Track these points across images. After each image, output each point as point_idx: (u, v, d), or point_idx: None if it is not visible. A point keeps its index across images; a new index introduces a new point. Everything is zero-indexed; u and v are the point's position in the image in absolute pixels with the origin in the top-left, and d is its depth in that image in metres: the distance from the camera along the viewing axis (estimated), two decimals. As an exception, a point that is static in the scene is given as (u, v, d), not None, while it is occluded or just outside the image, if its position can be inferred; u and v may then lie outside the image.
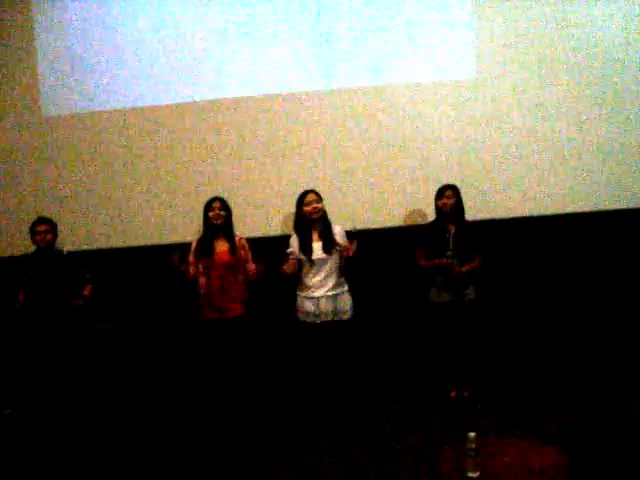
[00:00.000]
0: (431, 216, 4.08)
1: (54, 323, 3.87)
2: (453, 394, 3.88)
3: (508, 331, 4.33)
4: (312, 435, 3.56)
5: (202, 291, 3.80)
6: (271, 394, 4.16)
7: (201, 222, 3.91)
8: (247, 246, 3.91)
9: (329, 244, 3.80)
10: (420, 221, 4.33)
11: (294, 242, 3.88)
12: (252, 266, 3.85)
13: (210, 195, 3.97)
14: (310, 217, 3.83)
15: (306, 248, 3.82)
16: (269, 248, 3.97)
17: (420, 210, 4.38)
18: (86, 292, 3.99)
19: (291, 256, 3.83)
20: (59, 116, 4.55)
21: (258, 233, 4.36)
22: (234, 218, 3.96)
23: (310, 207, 3.81)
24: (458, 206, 3.89)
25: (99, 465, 3.32)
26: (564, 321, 4.34)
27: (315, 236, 3.84)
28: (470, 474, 2.27)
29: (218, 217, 3.80)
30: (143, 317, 4.47)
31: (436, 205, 3.91)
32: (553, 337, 4.33)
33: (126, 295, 4.45)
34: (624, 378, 3.97)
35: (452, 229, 3.85)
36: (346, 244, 3.79)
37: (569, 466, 2.25)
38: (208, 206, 3.85)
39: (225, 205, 3.88)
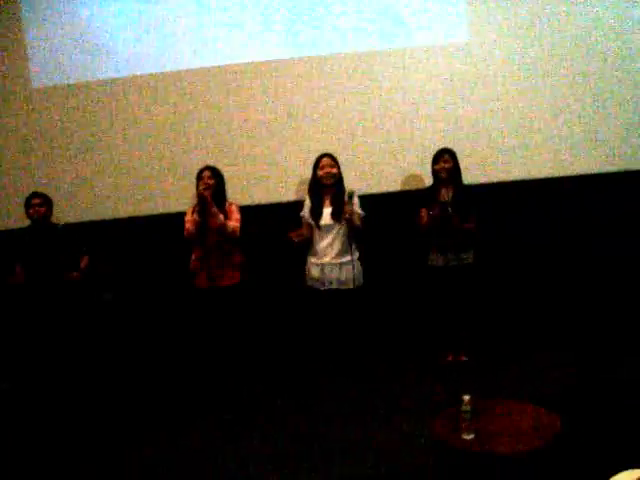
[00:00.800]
0: (428, 181, 4.04)
1: (52, 296, 3.87)
2: (450, 357, 3.91)
3: (505, 295, 4.34)
4: (311, 397, 3.62)
5: (195, 259, 3.79)
6: (269, 359, 4.19)
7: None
8: (236, 210, 3.82)
9: (338, 211, 3.72)
10: (416, 186, 4.30)
11: (306, 206, 3.84)
12: (231, 223, 3.73)
13: (209, 163, 3.93)
14: (323, 182, 3.77)
15: (315, 213, 3.77)
16: (278, 214, 4.02)
17: (417, 175, 4.34)
18: (82, 264, 4.00)
19: (303, 219, 3.81)
20: (48, 87, 4.48)
21: (269, 199, 4.39)
22: (241, 185, 3.96)
23: (323, 171, 3.75)
24: (455, 170, 3.86)
25: (96, 439, 3.34)
26: (560, 284, 4.35)
27: (327, 201, 3.77)
28: (465, 436, 2.29)
29: (207, 186, 3.74)
30: (142, 287, 4.48)
31: (433, 169, 3.88)
32: (548, 300, 4.34)
33: (124, 265, 4.45)
34: (617, 337, 4.00)
35: (450, 192, 3.82)
36: (356, 210, 3.73)
37: (561, 426, 2.27)
38: (198, 175, 3.81)
39: (216, 173, 3.82)
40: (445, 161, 3.82)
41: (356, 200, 3.78)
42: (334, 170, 3.77)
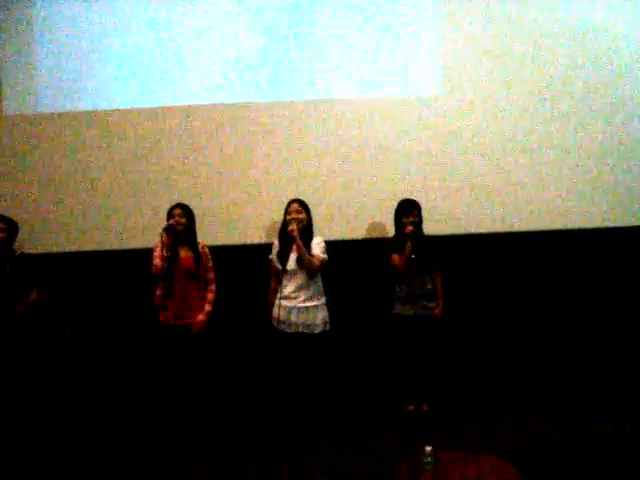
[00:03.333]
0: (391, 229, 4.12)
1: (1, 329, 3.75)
2: (411, 407, 3.93)
3: (472, 346, 4.43)
4: (273, 439, 3.57)
5: (159, 295, 3.76)
6: (229, 401, 4.15)
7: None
8: (209, 254, 3.87)
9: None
10: (381, 234, 4.39)
11: (274, 249, 3.87)
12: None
13: (180, 201, 3.94)
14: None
15: (282, 256, 3.79)
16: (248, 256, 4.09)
17: (382, 223, 4.42)
18: (31, 297, 3.86)
19: (271, 262, 3.85)
20: (19, 115, 4.46)
21: (239, 240, 4.43)
22: (213, 224, 4.03)
23: (290, 216, 3.79)
24: (420, 223, 3.94)
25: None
26: (525, 337, 4.46)
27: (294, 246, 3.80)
28: (426, 487, 2.30)
29: (178, 224, 3.75)
30: (102, 321, 4.40)
31: (400, 221, 3.90)
32: (515, 354, 4.44)
33: (86, 299, 4.39)
34: (589, 389, 4.11)
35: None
36: (317, 254, 3.76)
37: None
38: (169, 213, 3.81)
39: (187, 211, 3.82)
40: (414, 216, 3.88)
41: (317, 242, 3.81)
42: (301, 216, 3.80)
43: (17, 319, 3.79)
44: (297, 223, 3.72)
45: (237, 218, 4.47)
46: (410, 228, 3.81)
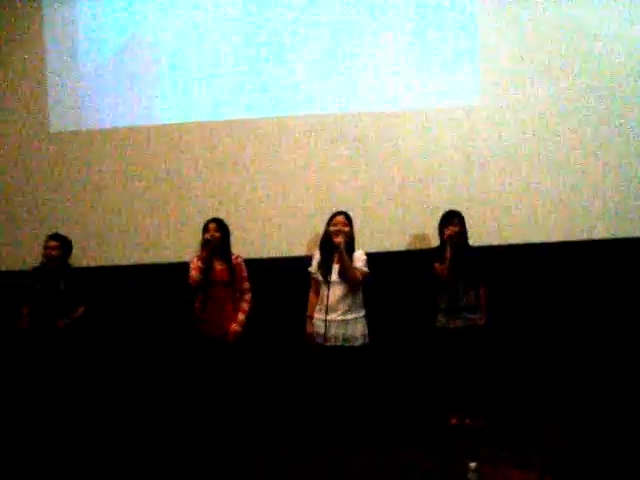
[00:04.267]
0: (434, 241, 4.11)
1: (45, 343, 3.87)
2: (454, 421, 3.86)
3: (515, 358, 4.30)
4: (311, 457, 3.51)
5: (198, 307, 3.88)
6: (267, 413, 4.13)
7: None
8: (243, 265, 3.98)
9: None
10: (423, 246, 4.34)
11: (315, 261, 3.88)
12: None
13: (214, 215, 4.04)
14: (334, 237, 3.77)
15: (324, 268, 3.80)
16: (284, 269, 4.14)
17: (424, 235, 4.39)
18: (77, 313, 3.99)
19: (311, 274, 3.86)
20: (65, 132, 4.59)
21: (276, 253, 4.44)
22: (248, 238, 4.20)
23: (335, 228, 3.80)
24: (463, 233, 3.92)
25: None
26: (570, 348, 4.33)
27: (337, 258, 3.78)
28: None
29: (213, 238, 3.86)
30: (144, 334, 4.45)
31: (442, 231, 3.93)
32: (560, 366, 4.31)
33: (129, 313, 4.44)
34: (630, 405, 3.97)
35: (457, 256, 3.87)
36: (360, 267, 3.77)
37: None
38: (205, 227, 3.93)
39: (221, 226, 3.94)
40: (454, 225, 3.88)
41: (358, 255, 3.81)
42: (346, 229, 3.82)
43: (61, 333, 3.90)
44: (343, 236, 3.73)
45: (274, 231, 4.48)
46: (449, 232, 3.84)
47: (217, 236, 3.88)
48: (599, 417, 3.84)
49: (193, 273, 3.84)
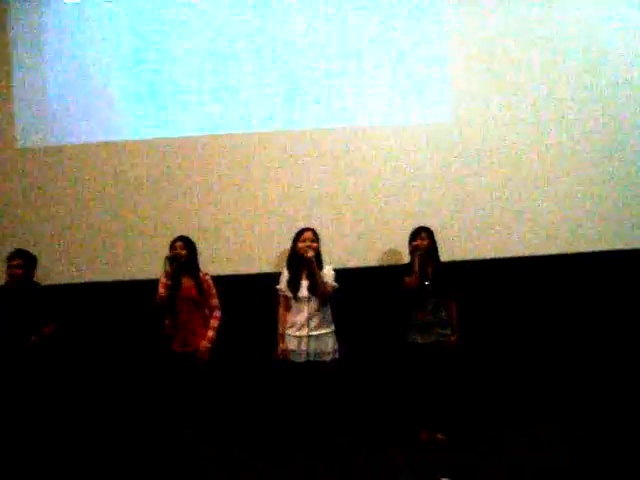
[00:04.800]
0: (407, 258, 4.11)
1: (15, 359, 3.80)
2: (424, 437, 3.86)
3: (487, 374, 4.32)
4: (283, 472, 3.51)
5: (169, 324, 3.88)
6: (240, 429, 4.13)
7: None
8: (211, 282, 4.00)
9: (315, 284, 3.76)
10: (396, 262, 4.34)
11: (284, 277, 3.88)
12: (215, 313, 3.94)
13: (183, 232, 4.05)
14: (302, 253, 3.80)
15: (293, 285, 3.81)
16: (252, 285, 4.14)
17: (396, 251, 4.40)
18: (46, 330, 3.91)
19: (279, 292, 3.86)
20: (33, 148, 4.53)
21: (243, 270, 4.41)
22: (216, 255, 4.24)
23: (304, 244, 3.81)
24: (432, 248, 3.95)
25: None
26: (542, 365, 4.37)
27: (305, 274, 3.82)
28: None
29: (178, 255, 3.88)
30: (114, 351, 4.39)
31: (411, 246, 3.96)
32: (531, 382, 4.34)
33: (99, 330, 4.38)
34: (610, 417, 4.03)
35: (429, 269, 3.91)
36: (329, 282, 3.79)
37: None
38: (171, 245, 3.95)
39: (188, 244, 3.97)
40: (422, 238, 3.91)
41: (327, 271, 3.85)
42: (315, 244, 3.84)
43: (31, 351, 3.82)
44: (312, 251, 3.76)
45: (241, 247, 4.46)
46: (415, 244, 3.90)
47: (183, 254, 3.90)
48: (576, 432, 3.86)
49: (161, 290, 3.86)
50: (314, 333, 3.75)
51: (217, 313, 3.96)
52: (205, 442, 3.78)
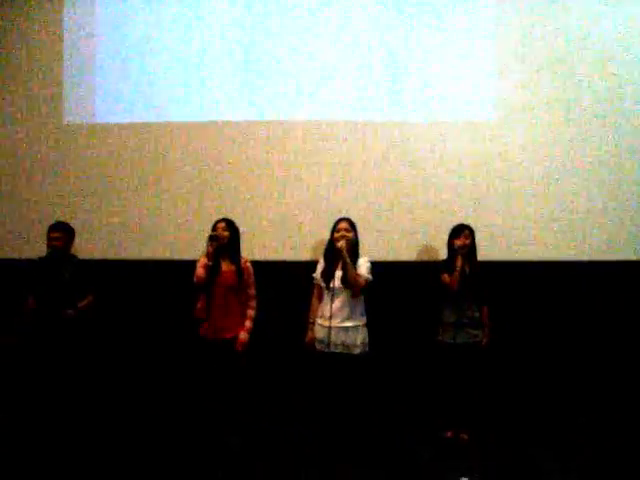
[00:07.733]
0: (442, 254, 4.09)
1: (51, 331, 3.83)
2: (449, 435, 3.84)
3: (516, 376, 4.30)
4: (305, 465, 3.51)
5: (200, 308, 3.77)
6: (265, 418, 4.13)
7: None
8: (251, 270, 3.86)
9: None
10: (431, 258, 4.34)
11: (319, 267, 3.86)
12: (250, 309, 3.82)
13: (222, 215, 3.99)
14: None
15: (327, 275, 3.76)
16: (290, 273, 4.15)
17: (432, 247, 4.39)
18: (82, 303, 3.93)
19: (314, 280, 3.84)
20: (79, 124, 4.62)
21: (283, 257, 4.47)
22: (256, 241, 4.19)
23: (338, 234, 3.77)
24: (472, 247, 3.91)
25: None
26: (573, 371, 4.32)
27: (340, 265, 3.75)
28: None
29: (219, 235, 3.75)
30: (145, 331, 4.46)
31: (451, 243, 3.91)
32: (561, 385, 4.31)
33: (132, 307, 4.45)
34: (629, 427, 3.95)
35: (466, 268, 3.86)
36: (363, 273, 3.74)
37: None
38: (213, 227, 3.83)
39: (231, 225, 3.84)
40: (465, 237, 3.87)
41: (362, 262, 3.77)
42: (349, 234, 3.78)
43: (66, 323, 3.85)
44: (345, 241, 3.71)
45: (282, 235, 4.50)
46: (459, 243, 3.83)
47: (225, 235, 3.78)
48: (599, 438, 3.80)
49: (199, 270, 3.69)
50: (342, 325, 3.68)
51: (253, 303, 3.82)
52: (232, 428, 3.75)
